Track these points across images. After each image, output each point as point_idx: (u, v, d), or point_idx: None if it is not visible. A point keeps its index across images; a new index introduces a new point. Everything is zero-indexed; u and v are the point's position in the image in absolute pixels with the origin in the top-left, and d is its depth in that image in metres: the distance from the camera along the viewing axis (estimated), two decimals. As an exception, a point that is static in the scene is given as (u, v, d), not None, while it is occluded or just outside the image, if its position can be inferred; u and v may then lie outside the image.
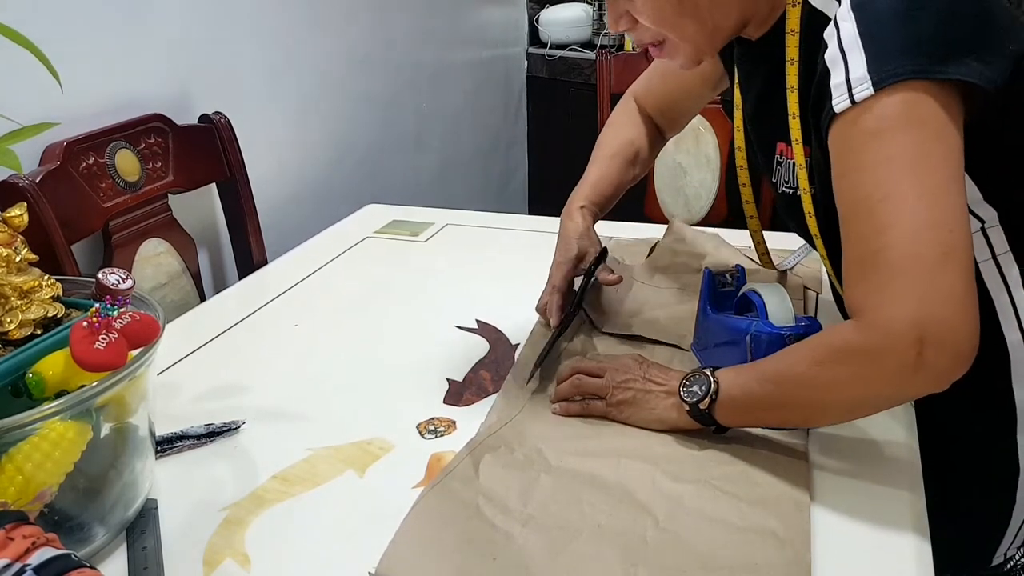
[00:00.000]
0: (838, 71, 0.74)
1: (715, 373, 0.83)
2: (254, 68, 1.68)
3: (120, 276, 0.79)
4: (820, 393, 0.76)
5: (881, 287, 0.70)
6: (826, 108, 0.76)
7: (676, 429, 0.87)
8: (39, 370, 0.69)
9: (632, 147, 1.18)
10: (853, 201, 0.74)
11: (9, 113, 0.75)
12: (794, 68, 0.84)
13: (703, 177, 2.12)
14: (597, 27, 2.72)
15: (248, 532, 0.78)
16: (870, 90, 0.71)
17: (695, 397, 0.83)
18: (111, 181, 1.33)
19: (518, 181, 3.02)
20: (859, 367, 0.72)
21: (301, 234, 1.55)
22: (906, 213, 0.70)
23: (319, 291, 1.31)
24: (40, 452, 0.66)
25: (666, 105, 1.20)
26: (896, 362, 0.69)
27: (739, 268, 1.03)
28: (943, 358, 0.68)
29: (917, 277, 0.69)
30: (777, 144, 0.93)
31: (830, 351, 0.75)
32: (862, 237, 0.73)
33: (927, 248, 0.69)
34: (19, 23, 0.74)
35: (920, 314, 0.68)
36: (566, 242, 1.10)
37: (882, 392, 0.74)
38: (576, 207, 1.12)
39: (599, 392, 0.91)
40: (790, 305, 0.90)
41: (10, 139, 0.73)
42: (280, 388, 1.02)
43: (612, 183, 1.16)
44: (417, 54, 2.28)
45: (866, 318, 0.71)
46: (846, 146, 0.75)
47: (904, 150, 0.71)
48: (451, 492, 0.79)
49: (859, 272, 0.73)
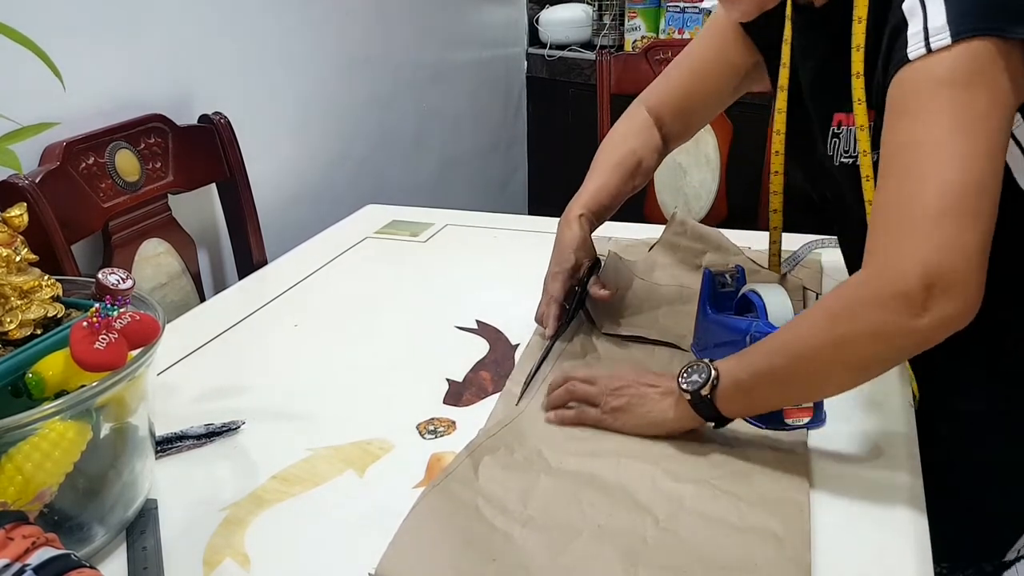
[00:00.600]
0: (916, 20, 0.74)
1: (713, 363, 0.83)
2: (254, 68, 1.68)
3: (120, 276, 0.79)
4: (830, 353, 0.75)
5: (901, 233, 0.71)
6: (897, 56, 0.76)
7: (672, 432, 0.86)
8: (39, 370, 0.69)
9: (635, 157, 1.16)
10: (901, 143, 0.74)
11: (9, 113, 0.75)
12: (861, 27, 0.83)
13: (703, 177, 2.12)
14: (597, 27, 2.72)
15: (248, 532, 0.78)
16: (947, 39, 0.72)
17: (695, 385, 0.82)
18: (111, 181, 1.33)
19: (518, 181, 3.02)
20: (870, 313, 0.72)
21: (301, 234, 1.55)
22: (950, 168, 0.70)
23: (319, 291, 1.31)
24: (40, 452, 0.66)
25: (687, 106, 1.18)
26: (905, 304, 0.69)
27: (739, 268, 1.03)
28: (949, 304, 0.69)
29: (937, 228, 0.69)
30: (835, 115, 0.92)
31: (842, 303, 0.75)
32: (900, 179, 0.73)
33: (955, 201, 0.69)
34: (19, 23, 0.74)
35: (931, 259, 0.69)
36: (563, 252, 1.09)
37: (892, 339, 0.73)
38: (575, 215, 1.11)
39: (593, 399, 0.90)
40: (790, 305, 0.90)
41: (10, 139, 0.73)
42: (280, 388, 1.02)
43: (612, 193, 1.14)
44: (417, 54, 2.28)
45: (877, 262, 0.73)
46: (911, 89, 0.75)
47: (966, 106, 0.71)
48: (451, 493, 0.79)
49: (883, 217, 0.74)
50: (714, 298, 1.01)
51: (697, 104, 1.18)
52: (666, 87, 1.19)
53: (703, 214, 2.12)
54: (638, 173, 1.17)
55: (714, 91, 1.15)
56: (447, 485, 0.80)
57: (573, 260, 1.08)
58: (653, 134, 1.18)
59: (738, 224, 1.19)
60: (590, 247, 1.11)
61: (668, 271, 1.23)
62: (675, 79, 1.18)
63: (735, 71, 1.12)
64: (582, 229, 1.10)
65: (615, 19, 2.68)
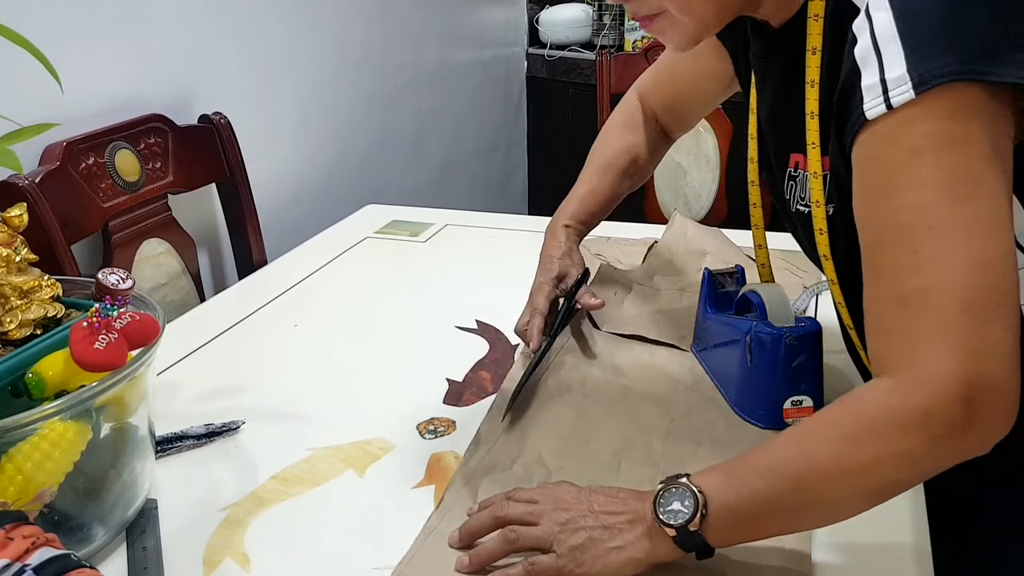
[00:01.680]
0: (870, 69, 0.62)
1: (693, 480, 0.66)
2: (254, 68, 1.68)
3: (120, 276, 0.79)
4: (851, 481, 0.62)
5: (923, 336, 0.60)
6: (853, 114, 0.64)
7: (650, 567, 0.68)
8: (39, 370, 0.69)
9: (628, 155, 1.10)
10: (888, 229, 0.63)
11: (9, 113, 0.75)
12: (816, 59, 0.72)
13: (703, 177, 2.12)
14: (597, 27, 2.72)
15: (248, 532, 0.78)
16: (910, 93, 0.60)
17: (681, 518, 0.65)
18: (111, 181, 1.33)
19: (518, 181, 3.02)
20: (902, 436, 0.60)
21: (301, 234, 1.55)
22: (954, 248, 0.59)
23: (319, 291, 1.31)
24: (40, 452, 0.66)
25: (675, 103, 1.11)
26: (944, 426, 0.59)
27: (739, 268, 1.03)
28: (992, 418, 0.59)
29: (967, 327, 0.59)
30: (791, 156, 0.81)
31: (864, 423, 0.62)
32: (899, 272, 0.62)
33: (978, 292, 0.59)
34: (19, 23, 0.74)
35: (970, 370, 0.58)
36: (548, 262, 1.04)
37: (923, 462, 0.62)
38: (560, 225, 1.06)
39: (541, 545, 0.70)
40: (790, 305, 0.90)
41: (10, 139, 0.73)
42: (280, 388, 1.02)
43: (601, 199, 1.09)
44: (417, 54, 2.28)
45: (906, 375, 0.61)
46: (879, 163, 0.63)
47: (951, 172, 0.60)
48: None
49: (894, 315, 0.62)
50: (714, 298, 1.01)
51: (688, 100, 1.11)
52: (656, 78, 1.12)
53: (703, 214, 2.12)
54: (633, 172, 1.11)
55: (700, 93, 1.08)
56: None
57: (558, 270, 1.03)
58: (649, 126, 1.12)
59: (738, 224, 1.19)
60: (577, 257, 1.06)
61: (668, 274, 1.23)
62: (665, 72, 1.11)
63: (715, 77, 1.03)
64: (568, 239, 1.05)
65: (615, 19, 2.68)
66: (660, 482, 0.68)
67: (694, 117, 1.15)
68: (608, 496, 0.70)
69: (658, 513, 0.66)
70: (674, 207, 2.13)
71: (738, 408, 0.92)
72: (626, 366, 1.02)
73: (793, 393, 0.88)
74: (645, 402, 0.95)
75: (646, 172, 1.14)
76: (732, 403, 0.93)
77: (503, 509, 0.73)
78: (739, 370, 0.91)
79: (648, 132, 1.12)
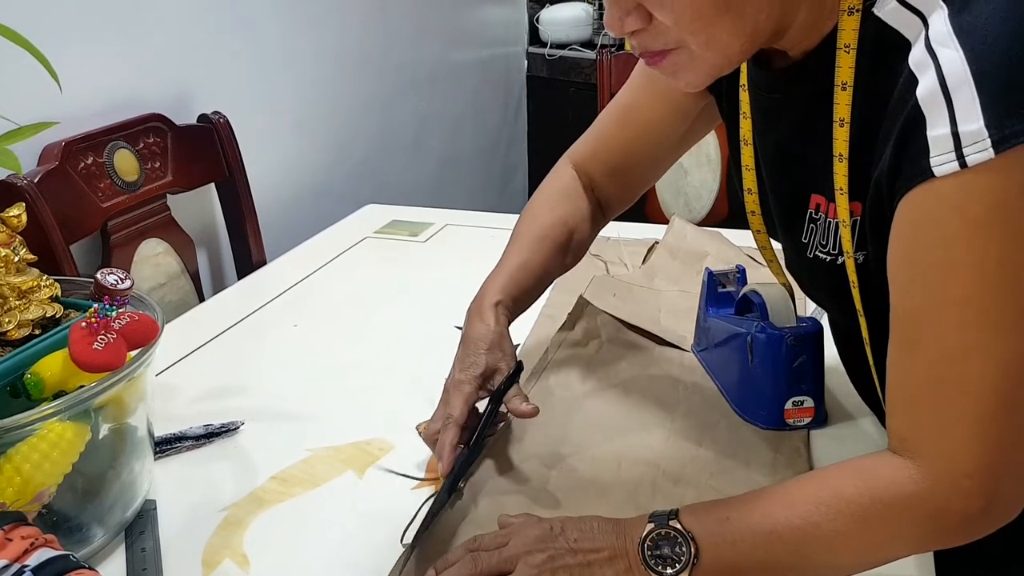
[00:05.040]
0: (939, 118, 0.54)
1: (685, 523, 0.64)
2: (254, 68, 1.68)
3: (119, 276, 0.79)
4: (852, 553, 0.61)
5: (955, 426, 0.57)
6: (913, 166, 0.57)
7: None
8: (37, 370, 0.69)
9: (565, 228, 0.93)
10: (935, 303, 0.57)
11: (7, 112, 0.75)
12: (846, 96, 0.64)
13: (704, 177, 2.12)
14: (597, 27, 2.72)
15: (247, 533, 0.78)
16: (989, 152, 0.52)
17: (671, 567, 0.63)
18: (110, 181, 1.33)
19: (518, 181, 3.02)
20: (916, 526, 0.59)
21: (300, 234, 1.55)
22: (1004, 338, 0.55)
23: (319, 291, 1.31)
24: (38, 453, 0.66)
25: (623, 163, 0.95)
26: (960, 519, 0.58)
27: (740, 268, 1.03)
28: (1008, 509, 0.59)
29: (1001, 423, 0.56)
30: (812, 196, 0.73)
31: (880, 508, 0.59)
32: (940, 352, 0.57)
33: (1016, 389, 0.56)
34: (18, 22, 0.74)
35: (998, 468, 0.57)
36: (470, 354, 0.83)
37: (929, 546, 0.62)
38: (488, 304, 0.87)
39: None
40: (791, 305, 0.90)
41: (8, 139, 0.73)
42: (280, 388, 1.02)
43: (535, 273, 0.91)
44: (417, 54, 2.28)
45: (932, 466, 0.58)
46: (937, 229, 0.56)
47: (1016, 252, 0.54)
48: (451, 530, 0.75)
49: (926, 394, 0.59)
50: (715, 298, 1.01)
51: (635, 160, 0.95)
52: (596, 142, 0.97)
53: (704, 214, 2.12)
54: (570, 247, 0.94)
55: (656, 143, 0.93)
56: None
57: (484, 365, 0.82)
58: (584, 198, 0.96)
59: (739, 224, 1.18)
60: (508, 347, 0.85)
61: (669, 277, 1.23)
62: (606, 132, 0.96)
63: (681, 114, 0.90)
64: (498, 322, 0.86)
65: (615, 19, 2.67)
66: (649, 520, 0.65)
67: (642, 180, 1.00)
68: (581, 530, 0.67)
69: (646, 557, 0.64)
70: (675, 207, 2.13)
71: (739, 408, 0.92)
72: (626, 366, 1.02)
73: (794, 393, 0.87)
74: (645, 402, 0.95)
75: (580, 253, 0.97)
76: (733, 404, 0.93)
77: (474, 565, 0.66)
78: (740, 370, 0.91)
79: (583, 206, 0.96)
